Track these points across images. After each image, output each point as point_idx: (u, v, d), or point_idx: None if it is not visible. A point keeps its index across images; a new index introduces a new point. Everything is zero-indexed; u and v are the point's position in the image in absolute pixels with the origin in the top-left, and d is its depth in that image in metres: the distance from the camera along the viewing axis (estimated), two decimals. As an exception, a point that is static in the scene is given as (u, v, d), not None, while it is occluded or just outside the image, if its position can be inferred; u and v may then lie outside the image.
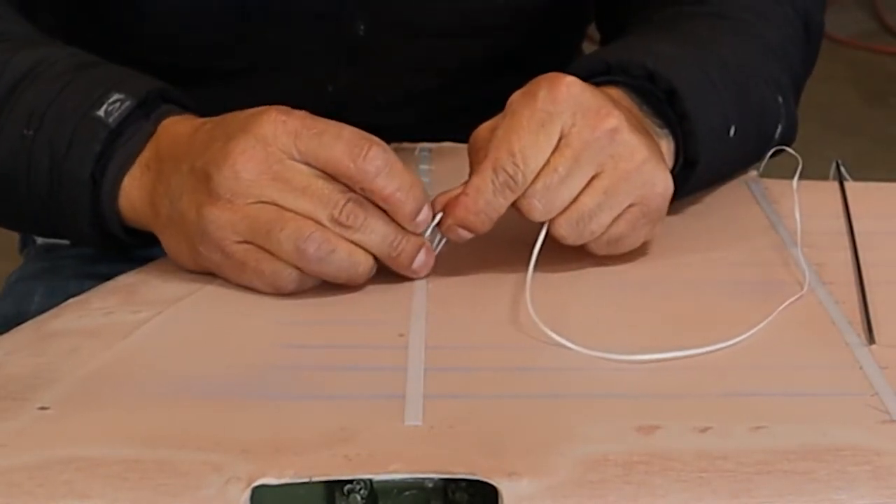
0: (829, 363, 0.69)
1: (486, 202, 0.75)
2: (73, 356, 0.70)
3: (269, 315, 0.74)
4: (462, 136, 0.96)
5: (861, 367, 0.69)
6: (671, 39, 0.88)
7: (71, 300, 0.77)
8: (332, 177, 0.74)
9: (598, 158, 0.75)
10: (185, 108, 0.82)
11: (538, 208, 0.75)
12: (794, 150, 0.87)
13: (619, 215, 0.76)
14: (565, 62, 0.95)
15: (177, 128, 0.80)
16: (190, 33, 0.95)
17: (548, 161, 0.74)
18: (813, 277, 0.78)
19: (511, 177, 0.74)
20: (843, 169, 0.92)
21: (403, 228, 0.75)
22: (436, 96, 1.01)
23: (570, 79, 0.76)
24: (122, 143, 0.79)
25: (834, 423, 0.63)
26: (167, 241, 0.79)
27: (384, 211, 0.75)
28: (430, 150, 0.96)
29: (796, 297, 0.75)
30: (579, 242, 0.76)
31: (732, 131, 0.85)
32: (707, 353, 0.69)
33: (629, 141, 0.76)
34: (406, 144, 0.96)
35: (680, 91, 0.82)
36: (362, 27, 0.96)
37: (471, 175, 0.77)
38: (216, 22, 0.95)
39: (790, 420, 0.63)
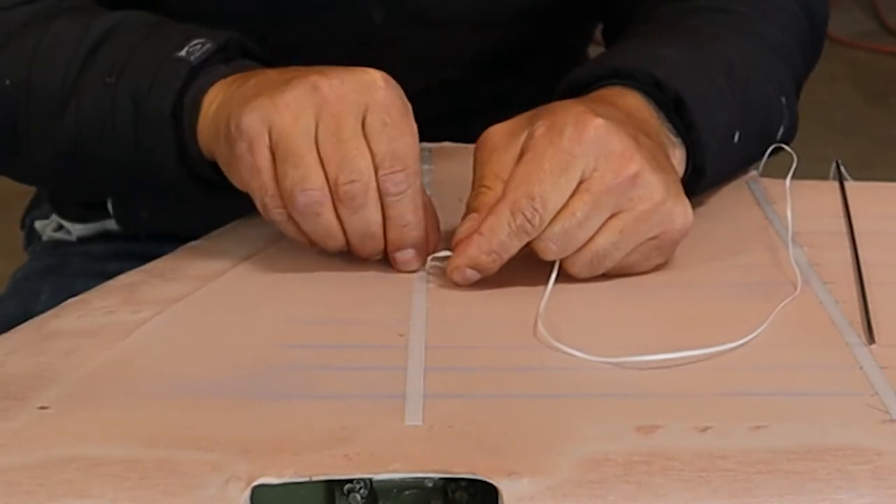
0: (829, 363, 0.69)
1: (499, 243, 0.75)
2: (73, 356, 0.70)
3: (269, 315, 0.74)
4: (466, 136, 0.96)
5: (861, 367, 0.69)
6: (675, 42, 0.88)
7: (71, 300, 0.77)
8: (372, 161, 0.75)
9: (617, 202, 0.74)
10: (263, 62, 0.83)
11: (553, 250, 0.75)
12: (793, 149, 0.88)
13: (634, 248, 0.76)
14: (571, 63, 0.96)
15: (257, 72, 0.81)
16: (215, 28, 0.96)
17: (566, 204, 0.74)
18: (813, 277, 0.78)
19: (529, 220, 0.74)
20: (842, 168, 0.92)
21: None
22: (445, 93, 1.01)
23: (599, 121, 0.75)
24: (200, 77, 0.81)
25: (834, 423, 0.63)
26: (213, 124, 0.79)
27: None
28: (429, 150, 0.96)
29: (790, 298, 0.75)
30: (592, 276, 0.76)
31: (737, 137, 0.85)
32: (709, 354, 0.69)
33: (649, 182, 0.75)
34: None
35: (687, 101, 0.82)
36: (378, 16, 0.96)
37: (474, 184, 0.78)
38: (238, 21, 0.95)
39: (790, 420, 0.63)
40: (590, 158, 0.74)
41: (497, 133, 0.79)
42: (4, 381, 0.67)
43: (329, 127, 0.74)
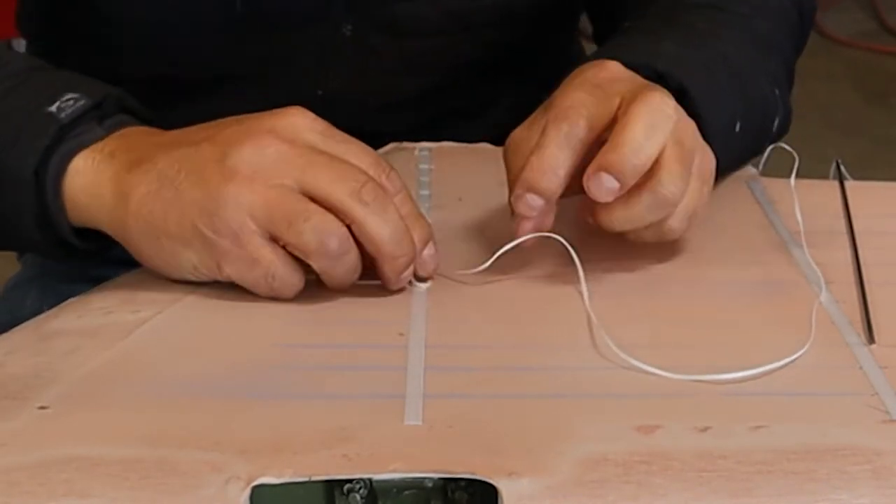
0: (829, 363, 0.69)
1: (552, 156, 0.72)
2: (73, 356, 0.70)
3: (269, 314, 0.74)
4: (464, 139, 0.96)
5: (861, 367, 0.69)
6: (673, 37, 0.88)
7: (71, 300, 0.77)
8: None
9: (669, 119, 0.73)
10: (143, 121, 0.78)
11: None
12: (793, 149, 0.88)
13: (689, 185, 0.74)
14: (557, 62, 0.95)
15: (148, 132, 0.76)
16: (177, 45, 0.94)
17: (625, 121, 0.72)
18: (814, 276, 0.78)
19: (574, 125, 0.72)
20: (842, 168, 0.92)
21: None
22: (426, 100, 1.01)
23: (617, 63, 0.76)
24: (70, 138, 0.74)
25: (834, 423, 0.63)
26: (138, 233, 0.73)
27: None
28: (429, 150, 0.96)
29: (818, 302, 0.74)
30: (679, 200, 0.73)
31: (738, 127, 0.86)
32: (768, 370, 0.68)
33: (678, 108, 0.75)
34: (406, 144, 0.96)
35: (691, 92, 0.82)
36: (349, 28, 0.95)
37: (510, 183, 0.75)
38: (204, 32, 0.94)
39: (790, 420, 0.63)
40: (620, 82, 0.74)
41: (516, 132, 0.77)
42: (4, 381, 0.67)
43: (301, 168, 0.71)
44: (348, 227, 0.71)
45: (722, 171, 0.88)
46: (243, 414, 0.64)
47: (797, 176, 0.85)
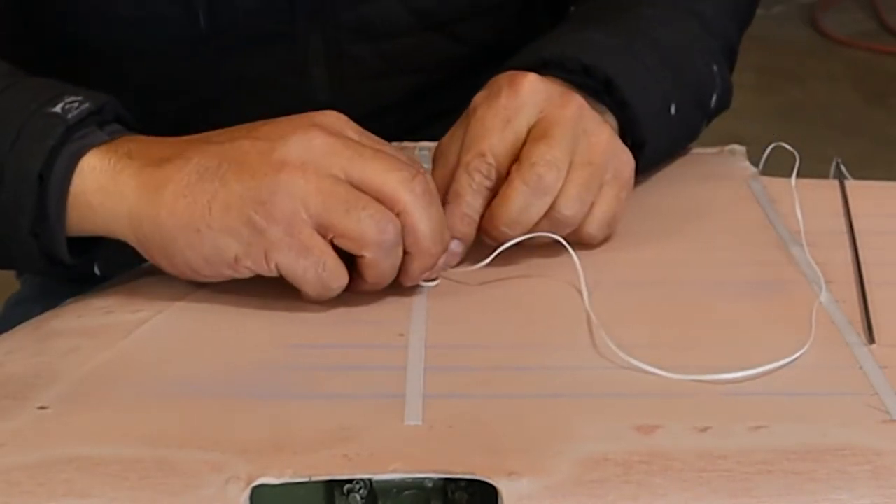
0: (829, 363, 0.69)
1: (467, 205, 0.76)
2: (73, 356, 0.70)
3: (269, 315, 0.74)
4: None
5: (861, 367, 0.69)
6: (604, 25, 0.89)
7: (71, 299, 0.77)
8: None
9: (574, 135, 0.77)
10: (136, 132, 0.77)
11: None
12: (793, 149, 0.88)
13: (603, 192, 0.78)
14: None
15: (157, 138, 0.75)
16: (147, 71, 0.93)
17: (534, 149, 0.76)
18: (814, 276, 0.78)
19: (486, 176, 0.77)
20: (843, 168, 0.92)
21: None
22: (415, 101, 1.00)
23: (531, 75, 0.79)
24: (75, 139, 0.73)
25: (834, 423, 0.63)
26: (173, 226, 0.70)
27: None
28: (429, 150, 0.95)
29: (818, 301, 0.75)
30: (578, 221, 0.77)
31: (673, 109, 0.87)
32: (770, 370, 0.68)
33: (595, 118, 0.79)
34: (406, 144, 0.96)
35: (616, 81, 0.84)
36: (317, 40, 0.94)
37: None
38: (172, 56, 0.92)
39: (790, 420, 0.63)
40: (530, 107, 0.77)
41: (443, 141, 0.81)
42: (4, 381, 0.68)
43: (350, 159, 0.71)
44: None
45: (661, 153, 0.90)
46: (243, 414, 0.64)
47: (797, 175, 0.85)
